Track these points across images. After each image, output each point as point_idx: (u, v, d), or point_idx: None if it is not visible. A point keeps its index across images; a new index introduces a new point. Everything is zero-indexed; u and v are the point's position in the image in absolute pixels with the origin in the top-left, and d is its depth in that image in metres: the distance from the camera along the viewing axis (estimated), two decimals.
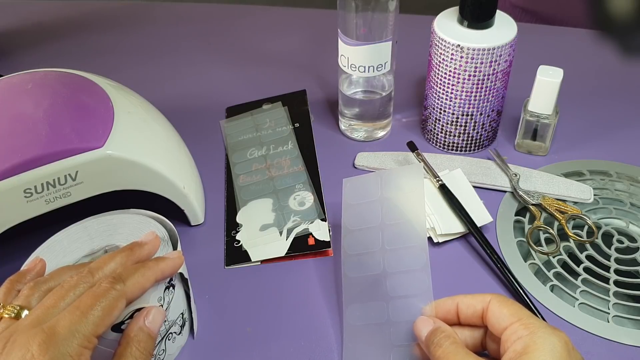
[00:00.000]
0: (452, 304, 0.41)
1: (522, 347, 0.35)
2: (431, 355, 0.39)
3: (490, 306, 0.39)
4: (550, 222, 0.57)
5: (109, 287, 0.37)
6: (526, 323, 0.36)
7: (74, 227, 0.48)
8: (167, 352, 0.47)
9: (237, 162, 0.66)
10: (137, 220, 0.48)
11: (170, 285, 0.44)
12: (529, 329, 0.36)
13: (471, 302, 0.40)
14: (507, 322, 0.37)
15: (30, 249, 0.47)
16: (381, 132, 0.68)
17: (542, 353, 0.34)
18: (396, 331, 0.44)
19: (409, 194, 0.48)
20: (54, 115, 0.50)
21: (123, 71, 0.82)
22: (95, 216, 0.49)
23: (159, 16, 0.95)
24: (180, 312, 0.47)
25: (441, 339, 0.38)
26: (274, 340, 0.49)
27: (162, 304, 0.43)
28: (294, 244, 0.56)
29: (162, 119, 0.62)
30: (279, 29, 0.90)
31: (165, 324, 0.45)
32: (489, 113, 0.62)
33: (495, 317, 0.38)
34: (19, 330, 0.35)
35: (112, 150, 0.50)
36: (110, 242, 0.47)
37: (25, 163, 0.47)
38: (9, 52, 0.88)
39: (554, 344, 0.35)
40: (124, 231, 0.48)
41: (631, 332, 0.48)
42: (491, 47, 0.57)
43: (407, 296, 0.45)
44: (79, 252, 0.46)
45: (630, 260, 0.54)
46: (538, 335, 0.35)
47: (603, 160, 0.64)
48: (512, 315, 0.37)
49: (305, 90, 0.76)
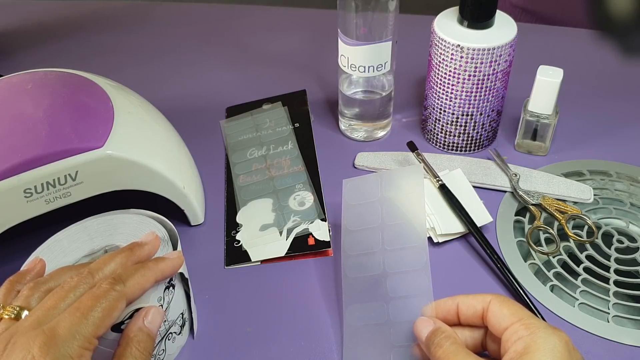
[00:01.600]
0: (453, 304, 0.41)
1: (523, 347, 0.35)
2: (431, 356, 0.39)
3: (490, 306, 0.39)
4: (550, 222, 0.57)
5: (109, 288, 0.37)
6: (527, 323, 0.36)
7: (74, 227, 0.48)
8: (167, 352, 0.47)
9: (237, 162, 0.66)
10: (137, 220, 0.48)
11: (170, 285, 0.44)
12: (530, 329, 0.36)
13: (471, 303, 0.40)
14: (508, 322, 0.37)
15: (30, 249, 0.47)
16: (381, 132, 0.68)
17: (543, 353, 0.34)
18: (396, 331, 0.44)
19: (409, 194, 0.48)
20: (54, 115, 0.50)
21: (123, 71, 0.82)
22: (95, 216, 0.49)
23: (159, 16, 0.95)
24: (180, 312, 0.47)
25: (442, 340, 0.38)
26: (274, 340, 0.49)
27: (162, 304, 0.43)
28: (294, 244, 0.56)
29: (162, 119, 0.62)
30: (279, 29, 0.90)
31: (165, 324, 0.45)
32: (489, 113, 0.62)
33: (496, 317, 0.38)
34: (19, 332, 0.35)
35: (112, 150, 0.50)
36: (110, 242, 0.47)
37: (25, 163, 0.47)
38: (9, 52, 0.88)
39: (554, 343, 0.35)
40: (124, 231, 0.48)
41: (631, 332, 0.48)
42: (491, 47, 0.57)
43: (407, 296, 0.45)
44: (79, 252, 0.46)
45: (630, 260, 0.54)
46: (538, 335, 0.35)
47: (603, 160, 0.64)
48: (513, 316, 0.37)
49: (305, 90, 0.76)
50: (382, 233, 0.48)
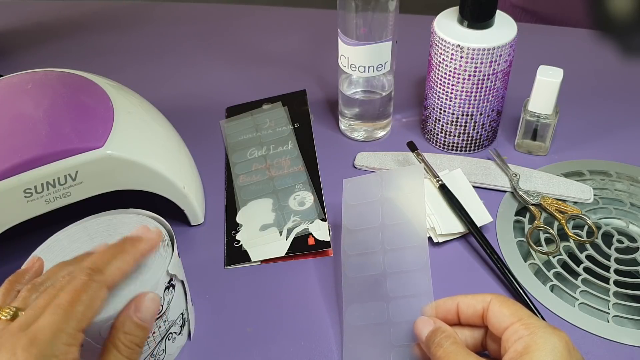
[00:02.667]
0: (453, 304, 0.41)
1: (523, 347, 0.35)
2: (432, 356, 0.39)
3: (490, 306, 0.39)
4: (550, 222, 0.57)
5: (87, 279, 0.36)
6: (527, 323, 0.36)
7: (74, 227, 0.48)
8: (167, 352, 0.47)
9: (237, 162, 0.66)
10: (137, 220, 0.48)
11: (170, 285, 0.44)
12: (530, 329, 0.36)
13: (471, 302, 0.40)
14: (508, 322, 0.37)
15: (30, 249, 0.47)
16: (381, 132, 0.68)
17: (543, 353, 0.35)
18: (396, 331, 0.44)
19: (409, 194, 0.48)
20: (54, 115, 0.50)
21: (123, 71, 0.82)
22: (94, 216, 0.49)
23: (159, 16, 0.95)
24: (180, 312, 0.47)
25: (442, 339, 0.38)
26: (274, 340, 0.49)
27: (162, 304, 0.43)
28: (294, 244, 0.56)
29: (162, 119, 0.62)
30: (279, 29, 0.90)
31: (165, 324, 0.45)
32: (489, 113, 0.62)
33: (496, 317, 0.38)
34: (6, 334, 0.34)
35: (112, 150, 0.50)
36: (110, 241, 0.47)
37: (25, 163, 0.47)
38: (9, 52, 0.88)
39: (554, 343, 0.35)
40: (123, 231, 0.48)
41: (631, 332, 0.48)
42: (491, 47, 0.57)
43: (407, 296, 0.45)
44: (79, 251, 0.46)
45: (630, 260, 0.54)
46: (539, 335, 0.35)
47: (603, 160, 0.64)
48: (513, 315, 0.37)
49: (305, 90, 0.76)
50: (382, 233, 0.48)
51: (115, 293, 0.42)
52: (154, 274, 0.43)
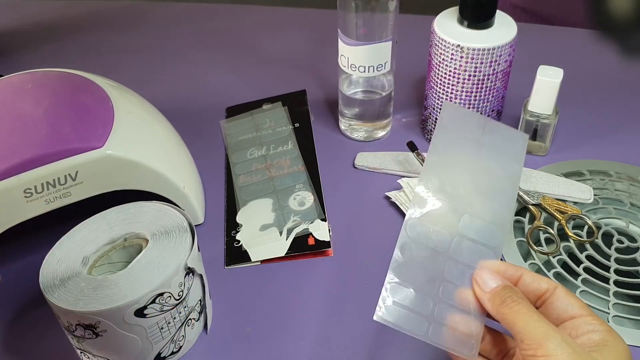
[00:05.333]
0: (516, 273, 0.40)
1: (600, 339, 0.36)
2: (496, 311, 0.38)
3: (557, 292, 0.39)
4: (550, 222, 0.57)
5: None
6: (599, 319, 0.37)
7: (93, 218, 0.49)
8: (186, 338, 0.47)
9: (237, 162, 0.66)
10: (156, 209, 0.49)
11: (190, 271, 0.45)
12: (605, 326, 0.37)
13: (537, 278, 0.39)
14: (578, 312, 0.38)
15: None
16: (381, 132, 0.68)
17: (617, 350, 0.36)
18: (451, 267, 0.41)
19: (508, 156, 0.46)
20: (53, 115, 0.50)
21: (123, 71, 0.82)
22: (113, 208, 0.49)
23: (159, 16, 0.95)
24: (198, 298, 0.47)
25: (516, 298, 0.38)
26: (274, 340, 0.49)
27: (182, 290, 0.44)
28: (294, 244, 0.56)
29: (162, 119, 0.62)
30: (279, 29, 0.90)
31: (185, 309, 0.46)
32: (489, 113, 0.62)
33: (563, 303, 0.38)
34: None
35: (112, 150, 0.50)
36: (129, 230, 0.47)
37: (25, 163, 0.47)
38: (9, 52, 0.88)
39: (625, 346, 0.36)
40: (143, 219, 0.48)
41: (631, 332, 0.48)
42: (491, 47, 0.57)
43: (477, 242, 0.42)
44: (99, 240, 0.47)
45: (630, 260, 0.54)
46: (614, 334, 0.36)
47: (603, 160, 0.64)
48: (583, 308, 0.38)
49: (305, 90, 0.76)
50: (472, 176, 0.45)
51: (138, 279, 0.42)
52: (175, 260, 0.44)
